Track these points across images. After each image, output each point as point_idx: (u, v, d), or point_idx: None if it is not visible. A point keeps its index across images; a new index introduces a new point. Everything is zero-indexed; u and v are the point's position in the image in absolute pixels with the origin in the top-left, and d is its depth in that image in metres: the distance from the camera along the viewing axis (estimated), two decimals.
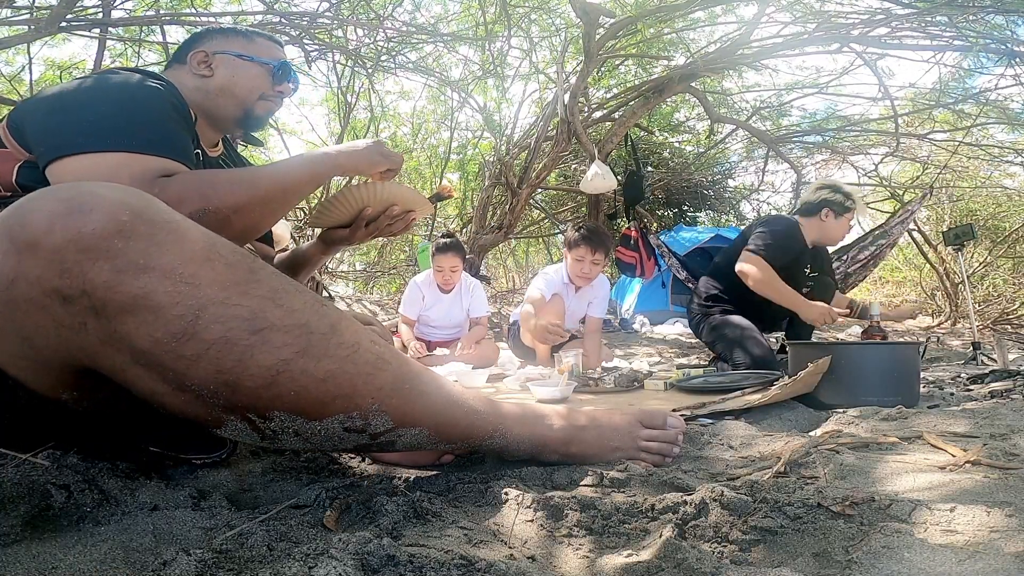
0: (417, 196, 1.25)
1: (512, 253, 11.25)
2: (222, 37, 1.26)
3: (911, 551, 0.60)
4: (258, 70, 1.25)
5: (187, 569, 0.56)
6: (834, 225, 2.80)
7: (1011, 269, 8.21)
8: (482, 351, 3.15)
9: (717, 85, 6.72)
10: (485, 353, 3.15)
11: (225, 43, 1.25)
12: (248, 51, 1.25)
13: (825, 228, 2.82)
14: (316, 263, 1.40)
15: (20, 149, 0.95)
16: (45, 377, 0.71)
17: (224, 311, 0.65)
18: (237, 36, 1.28)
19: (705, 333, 2.92)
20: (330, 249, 1.36)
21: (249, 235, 1.06)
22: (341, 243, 1.31)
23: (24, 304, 0.62)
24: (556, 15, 5.74)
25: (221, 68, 1.22)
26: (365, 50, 4.78)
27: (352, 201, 1.19)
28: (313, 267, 1.41)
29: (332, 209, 1.21)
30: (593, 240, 2.99)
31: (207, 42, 1.25)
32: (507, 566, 0.58)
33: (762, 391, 1.67)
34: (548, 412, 0.98)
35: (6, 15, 3.29)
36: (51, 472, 0.73)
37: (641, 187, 5.68)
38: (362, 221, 1.23)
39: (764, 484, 0.77)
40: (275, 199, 1.04)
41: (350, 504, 0.80)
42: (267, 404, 0.69)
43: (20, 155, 0.95)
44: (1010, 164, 6.91)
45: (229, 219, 0.96)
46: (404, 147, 8.12)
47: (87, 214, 0.61)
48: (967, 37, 4.31)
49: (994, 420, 1.23)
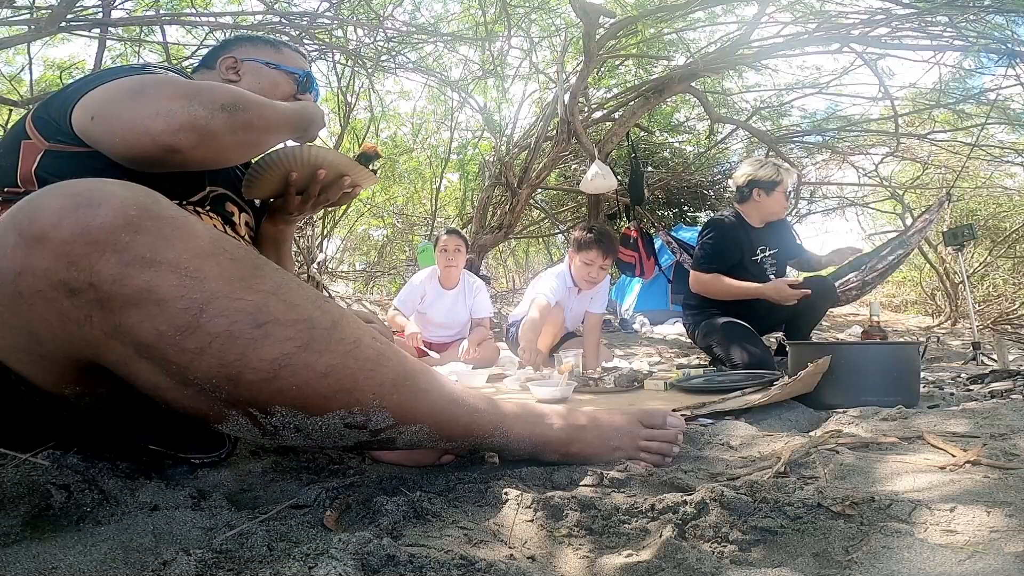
0: (344, 159, 1.19)
1: (512, 253, 11.26)
2: (251, 45, 1.30)
3: (911, 551, 0.60)
4: (284, 78, 1.28)
5: (187, 569, 0.56)
6: (769, 201, 2.86)
7: (1011, 269, 8.22)
8: (484, 352, 3.14)
9: (717, 85, 6.72)
10: (486, 354, 3.14)
11: (254, 51, 1.28)
12: (275, 59, 1.28)
13: (761, 207, 2.88)
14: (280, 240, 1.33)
15: (42, 139, 0.96)
16: (48, 371, 0.71)
17: (228, 305, 0.65)
18: (266, 45, 1.31)
19: (700, 338, 2.95)
20: (279, 222, 1.30)
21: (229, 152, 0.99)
22: (282, 213, 1.26)
23: (31, 297, 0.63)
24: (556, 15, 5.74)
25: (248, 75, 1.25)
26: (365, 50, 4.79)
27: (275, 166, 1.14)
28: (281, 246, 1.34)
29: (258, 177, 1.16)
30: (605, 244, 2.95)
31: (237, 48, 1.28)
32: (507, 566, 0.58)
33: (762, 391, 1.67)
34: (548, 412, 0.98)
35: (6, 15, 3.29)
36: (51, 472, 0.73)
37: (641, 187, 5.68)
38: (292, 188, 1.18)
39: (764, 484, 0.77)
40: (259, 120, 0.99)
41: (350, 504, 0.80)
42: (269, 399, 0.69)
43: (42, 144, 0.96)
44: (1011, 164, 6.91)
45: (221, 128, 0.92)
46: (404, 147, 8.13)
47: (95, 208, 0.62)
48: (967, 37, 4.31)
49: (994, 420, 1.23)
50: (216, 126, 0.90)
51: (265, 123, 1.00)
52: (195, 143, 0.88)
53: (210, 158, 0.95)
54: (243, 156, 1.05)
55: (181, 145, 0.87)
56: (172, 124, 0.87)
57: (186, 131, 0.87)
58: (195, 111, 0.88)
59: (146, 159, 0.89)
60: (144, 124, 0.87)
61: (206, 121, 0.89)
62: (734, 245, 2.84)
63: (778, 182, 2.83)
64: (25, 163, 0.95)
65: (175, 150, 0.88)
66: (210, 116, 0.89)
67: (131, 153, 0.89)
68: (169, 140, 0.87)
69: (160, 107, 0.88)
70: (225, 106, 0.91)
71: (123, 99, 0.91)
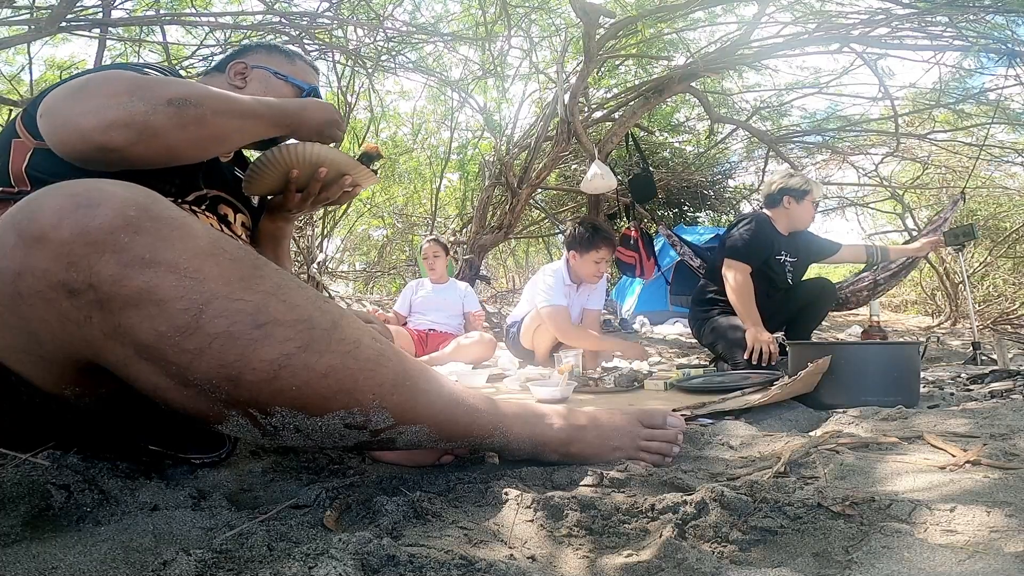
0: (345, 158, 1.19)
1: (512, 253, 11.26)
2: (266, 53, 1.30)
3: (911, 551, 0.60)
4: (289, 91, 1.27)
5: (187, 569, 0.56)
6: (798, 209, 2.93)
7: (1011, 269, 8.21)
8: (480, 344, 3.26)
9: (717, 85, 6.71)
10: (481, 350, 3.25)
11: (267, 59, 1.28)
12: (285, 70, 1.28)
13: (791, 214, 2.94)
14: (279, 238, 1.34)
15: (31, 137, 0.96)
16: (48, 372, 0.71)
17: (228, 305, 0.65)
18: (280, 55, 1.31)
19: (706, 335, 2.98)
20: (278, 219, 1.30)
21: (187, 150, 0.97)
22: (281, 211, 1.26)
23: (30, 297, 0.63)
24: (556, 15, 5.73)
25: (255, 82, 1.25)
26: (365, 50, 4.78)
27: (275, 164, 1.14)
28: (279, 244, 1.34)
29: (258, 174, 1.16)
30: (609, 237, 3.03)
31: (250, 55, 1.28)
32: (507, 566, 0.58)
33: (762, 391, 1.68)
34: (548, 412, 0.98)
35: (6, 15, 3.29)
36: (51, 472, 0.73)
37: (652, 184, 5.67)
38: (293, 186, 1.18)
39: (764, 484, 0.77)
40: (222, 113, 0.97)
41: (350, 504, 0.80)
42: (269, 399, 0.69)
43: (31, 143, 0.96)
44: (1011, 164, 6.91)
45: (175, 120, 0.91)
46: (404, 147, 8.12)
47: (95, 209, 0.62)
48: (967, 37, 4.31)
49: (994, 420, 1.23)
50: (158, 122, 0.88)
51: (223, 119, 0.97)
52: (132, 140, 0.87)
53: (160, 156, 0.93)
54: (203, 152, 1.01)
55: (114, 143, 0.86)
56: (103, 121, 0.85)
57: (118, 128, 0.86)
58: (132, 107, 0.87)
59: (80, 157, 0.88)
60: (76, 121, 0.86)
61: (145, 117, 0.87)
62: (767, 242, 2.88)
63: (807, 191, 2.91)
64: (16, 162, 0.95)
65: (108, 148, 0.86)
66: (150, 111, 0.87)
67: (66, 151, 0.89)
68: (99, 138, 0.86)
69: (94, 104, 0.87)
70: (172, 101, 0.89)
71: (66, 96, 0.90)
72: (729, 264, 2.80)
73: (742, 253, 2.80)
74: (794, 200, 2.90)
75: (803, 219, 2.97)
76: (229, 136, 1.02)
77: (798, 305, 2.99)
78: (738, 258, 2.79)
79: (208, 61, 4.07)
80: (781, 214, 2.95)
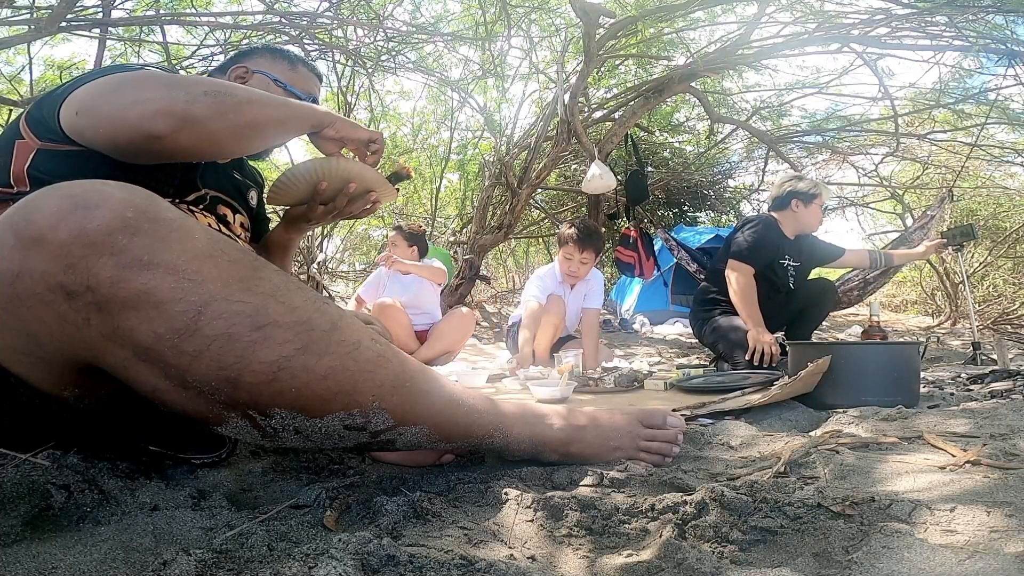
0: (375, 175, 1.20)
1: (512, 253, 11.24)
2: (269, 58, 1.30)
3: (911, 551, 0.60)
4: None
5: (187, 569, 0.56)
6: (806, 212, 2.93)
7: (1011, 269, 8.21)
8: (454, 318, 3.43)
9: (717, 85, 6.72)
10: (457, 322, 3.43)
11: (269, 64, 1.29)
12: (285, 77, 1.28)
13: (799, 217, 2.94)
14: (289, 247, 1.36)
15: (35, 138, 0.97)
16: (47, 374, 0.71)
17: (227, 307, 0.65)
18: (283, 61, 1.31)
19: (707, 335, 2.98)
20: (292, 229, 1.32)
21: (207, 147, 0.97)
22: (300, 222, 1.27)
23: (28, 299, 0.63)
24: (556, 15, 5.74)
25: (253, 86, 1.24)
26: (365, 50, 4.78)
27: (307, 176, 1.15)
28: (288, 252, 1.37)
29: (288, 184, 1.17)
30: (582, 239, 3.04)
31: (252, 59, 1.28)
32: (507, 566, 0.58)
33: (762, 391, 1.67)
34: (548, 412, 0.98)
35: (6, 15, 3.29)
36: (51, 472, 0.73)
37: (644, 186, 5.68)
38: (319, 198, 1.19)
39: (764, 484, 0.77)
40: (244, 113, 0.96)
41: (350, 504, 0.80)
42: (268, 401, 0.69)
43: (34, 143, 0.96)
44: (1011, 164, 6.90)
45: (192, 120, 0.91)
46: (404, 147, 8.12)
47: (93, 210, 0.62)
48: (967, 37, 4.31)
49: (994, 420, 1.23)
50: (198, 111, 0.89)
51: (258, 108, 0.98)
52: (175, 127, 0.88)
53: (203, 146, 0.94)
54: (243, 145, 1.01)
55: (160, 130, 0.87)
56: (148, 110, 0.87)
57: (163, 116, 0.87)
58: (174, 95, 0.88)
59: (128, 147, 0.89)
60: (122, 113, 0.88)
61: (186, 105, 0.88)
62: (772, 245, 2.88)
63: (816, 195, 2.91)
64: (18, 162, 0.96)
65: (154, 135, 0.87)
66: (191, 100, 0.88)
67: (113, 142, 0.90)
68: (147, 126, 0.87)
69: (138, 96, 0.88)
70: (208, 92, 0.91)
71: (105, 92, 0.91)
72: (733, 265, 2.81)
73: (747, 255, 2.80)
74: (802, 203, 2.90)
75: (811, 223, 2.97)
76: (265, 126, 1.01)
77: (799, 306, 3.00)
78: (742, 260, 2.79)
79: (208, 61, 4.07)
80: (788, 217, 2.94)
